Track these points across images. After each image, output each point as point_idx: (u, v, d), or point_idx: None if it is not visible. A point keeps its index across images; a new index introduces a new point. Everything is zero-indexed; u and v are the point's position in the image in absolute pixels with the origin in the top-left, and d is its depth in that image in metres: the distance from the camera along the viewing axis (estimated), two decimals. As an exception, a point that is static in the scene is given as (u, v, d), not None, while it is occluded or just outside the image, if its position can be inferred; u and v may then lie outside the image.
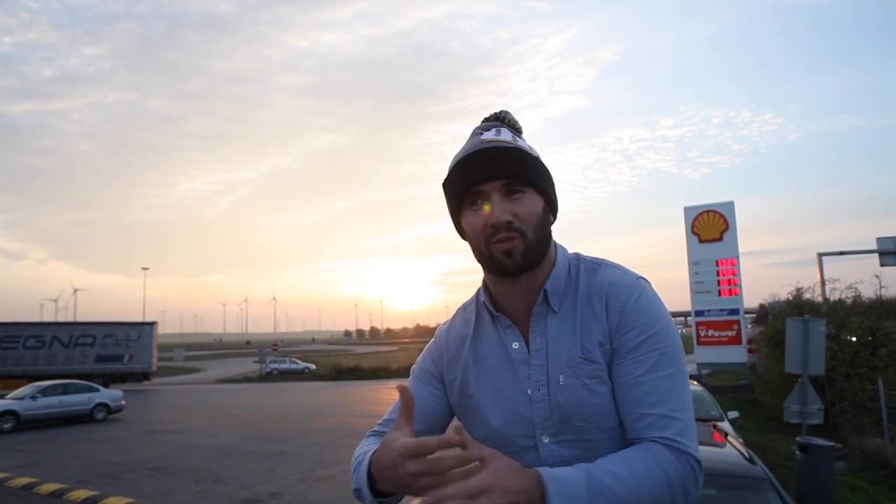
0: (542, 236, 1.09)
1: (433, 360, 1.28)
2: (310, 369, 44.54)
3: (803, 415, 8.21)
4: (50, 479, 9.33)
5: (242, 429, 14.96)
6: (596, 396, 1.06)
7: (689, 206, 21.82)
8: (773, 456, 9.39)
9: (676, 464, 0.96)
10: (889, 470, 9.24)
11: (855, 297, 18.03)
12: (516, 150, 1.08)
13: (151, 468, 10.27)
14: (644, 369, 1.04)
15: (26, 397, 16.58)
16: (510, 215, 1.05)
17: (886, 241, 22.36)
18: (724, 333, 20.74)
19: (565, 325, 1.11)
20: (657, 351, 1.04)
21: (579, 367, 1.08)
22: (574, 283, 1.15)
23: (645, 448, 0.98)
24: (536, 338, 1.13)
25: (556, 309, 1.12)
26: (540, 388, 1.10)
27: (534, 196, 1.08)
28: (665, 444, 0.98)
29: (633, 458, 0.96)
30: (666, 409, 1.00)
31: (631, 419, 1.03)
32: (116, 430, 15.56)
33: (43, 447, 13.01)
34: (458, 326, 1.27)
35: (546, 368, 1.10)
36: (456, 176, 1.11)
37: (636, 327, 1.06)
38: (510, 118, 1.18)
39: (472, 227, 1.10)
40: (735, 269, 20.86)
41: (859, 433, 11.32)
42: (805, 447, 6.68)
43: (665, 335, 1.06)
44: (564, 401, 1.07)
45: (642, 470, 0.93)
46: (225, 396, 26.85)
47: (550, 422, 1.08)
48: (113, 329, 30.50)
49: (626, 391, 1.04)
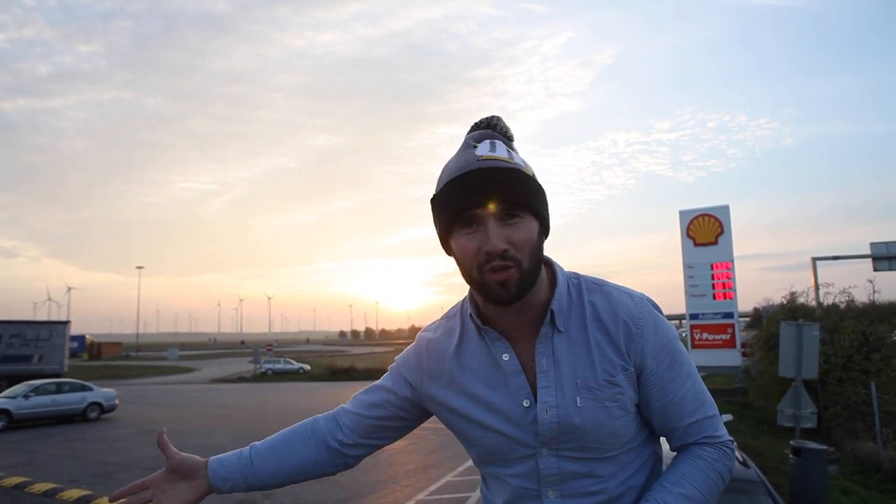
0: (535, 263, 1.05)
1: (410, 368, 1.25)
2: (304, 370, 44.42)
3: (797, 418, 8.25)
4: (42, 478, 9.29)
5: (236, 429, 14.97)
6: (614, 420, 1.08)
7: (685, 210, 21.89)
8: (767, 459, 9.43)
9: (722, 456, 1.12)
10: (881, 474, 9.28)
11: (848, 301, 18.09)
12: (514, 172, 1.02)
13: (145, 468, 10.22)
14: (679, 384, 1.12)
15: (19, 396, 16.48)
16: (506, 243, 1.00)
17: (880, 247, 22.51)
18: (719, 337, 20.80)
19: (576, 346, 1.10)
20: (681, 363, 1.13)
21: (601, 389, 1.07)
22: (577, 302, 1.13)
23: (695, 455, 1.11)
24: (542, 359, 1.09)
25: (562, 329, 1.10)
26: (548, 410, 1.07)
27: (530, 221, 1.03)
28: (710, 444, 1.12)
29: (691, 470, 1.09)
30: (704, 412, 1.13)
31: (679, 432, 1.14)
32: (110, 430, 15.49)
33: (35, 446, 12.94)
34: (440, 337, 1.23)
35: (555, 390, 1.08)
36: (449, 196, 1.04)
37: (662, 349, 1.11)
38: (502, 125, 1.13)
39: (463, 252, 1.04)
40: (730, 273, 20.92)
41: (852, 437, 11.37)
42: (798, 450, 6.71)
43: (677, 344, 1.14)
44: (581, 422, 1.06)
45: (702, 479, 1.08)
46: (219, 396, 26.75)
47: (557, 441, 1.08)
48: (21, 328, 28.74)
49: (672, 409, 1.12)
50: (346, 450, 1.28)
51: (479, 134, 1.09)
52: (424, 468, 9.99)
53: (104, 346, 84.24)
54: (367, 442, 1.29)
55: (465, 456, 10.74)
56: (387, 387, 1.27)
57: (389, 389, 1.26)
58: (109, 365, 57.41)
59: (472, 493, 8.11)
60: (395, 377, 1.27)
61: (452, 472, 9.47)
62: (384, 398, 1.26)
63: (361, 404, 1.28)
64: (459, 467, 9.82)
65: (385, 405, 1.26)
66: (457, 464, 10.10)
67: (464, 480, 8.86)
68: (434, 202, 1.09)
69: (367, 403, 1.27)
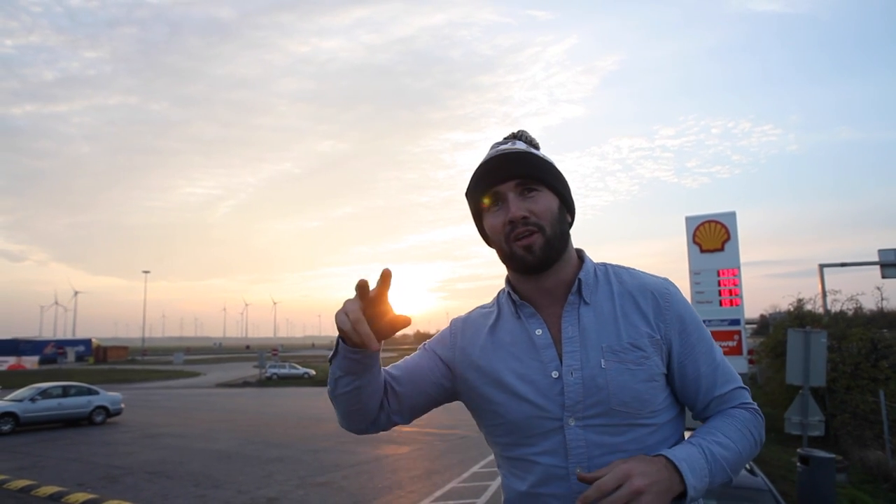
0: (559, 232, 1.16)
1: (444, 346, 1.30)
2: (309, 375, 44.36)
3: (804, 426, 8.18)
4: (48, 481, 9.32)
5: (241, 433, 14.96)
6: (638, 382, 1.11)
7: (691, 216, 21.81)
8: (774, 467, 9.37)
9: (755, 420, 1.19)
10: (890, 483, 9.19)
11: (856, 308, 18.02)
12: (528, 154, 1.18)
13: (150, 472, 10.26)
14: (711, 356, 1.20)
15: (25, 399, 16.56)
16: (526, 211, 1.13)
17: (888, 253, 22.32)
18: (725, 344, 20.64)
19: (602, 317, 1.17)
20: (709, 339, 1.21)
21: (625, 352, 1.13)
22: (605, 281, 1.22)
23: (730, 415, 1.18)
24: (568, 327, 1.17)
25: (588, 301, 1.18)
26: (573, 373, 1.12)
27: (548, 194, 1.17)
28: (744, 408, 1.19)
29: (727, 426, 1.15)
30: (735, 382, 1.21)
31: (716, 401, 1.20)
32: (115, 434, 15.55)
33: (42, 450, 12.99)
34: (475, 318, 1.30)
35: (580, 354, 1.14)
36: (474, 183, 1.21)
37: (689, 325, 1.19)
38: (527, 136, 1.26)
39: (492, 228, 1.18)
40: (736, 280, 20.81)
41: (860, 445, 11.27)
42: (806, 459, 6.65)
43: (701, 323, 1.22)
44: (605, 382, 1.11)
45: (736, 434, 1.14)
46: (224, 401, 26.80)
47: (582, 405, 1.11)
48: None
49: (706, 379, 1.18)
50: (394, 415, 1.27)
51: (503, 139, 1.26)
52: (429, 474, 9.96)
53: (110, 350, 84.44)
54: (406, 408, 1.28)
55: (470, 461, 10.73)
56: (417, 358, 1.30)
57: (419, 361, 1.29)
58: (115, 369, 57.65)
59: (477, 499, 8.09)
60: (427, 356, 1.30)
61: (458, 479, 9.44)
62: (417, 364, 1.29)
63: (402, 370, 1.29)
64: (465, 473, 9.80)
65: (421, 370, 1.28)
66: (462, 470, 10.08)
67: (469, 486, 8.83)
68: (466, 195, 1.26)
69: (405, 368, 1.29)
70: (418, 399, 1.27)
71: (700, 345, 1.18)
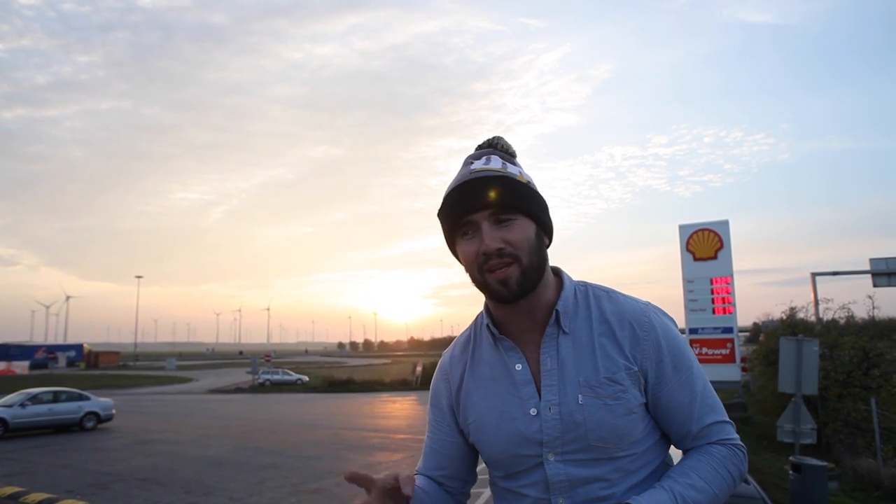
0: (537, 260, 1.10)
1: (444, 395, 1.29)
2: (302, 381, 44.20)
3: (796, 434, 8.22)
4: (38, 488, 9.23)
5: (234, 440, 14.85)
6: (616, 418, 1.09)
7: (685, 224, 21.94)
8: (766, 475, 9.39)
9: (733, 456, 1.13)
10: (882, 491, 9.23)
11: (848, 317, 18.07)
12: (503, 179, 1.09)
13: (141, 479, 10.18)
14: (688, 389, 1.14)
15: (15, 405, 16.41)
16: (501, 242, 1.06)
17: (879, 262, 22.54)
18: (718, 352, 20.75)
19: (580, 348, 1.13)
20: (690, 368, 1.15)
21: (602, 387, 1.10)
22: (584, 305, 1.17)
23: (704, 451, 1.13)
24: (547, 359, 1.14)
25: (567, 330, 1.14)
26: (551, 408, 1.11)
27: (524, 222, 1.10)
28: (721, 444, 1.14)
29: (701, 465, 1.10)
30: (715, 417, 1.15)
31: (690, 436, 1.15)
32: (106, 440, 15.41)
33: (31, 456, 12.87)
34: (458, 354, 1.29)
35: (557, 388, 1.12)
36: (447, 208, 1.14)
37: (667, 354, 1.14)
38: (503, 143, 1.20)
39: (465, 257, 1.12)
40: (729, 288, 20.93)
41: (852, 453, 11.31)
42: (798, 467, 6.68)
43: (686, 349, 1.16)
44: (582, 419, 1.09)
45: (712, 474, 1.09)
46: (216, 407, 26.63)
47: (560, 440, 1.10)
48: None
49: (681, 412, 1.14)
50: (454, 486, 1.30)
51: (477, 152, 1.18)
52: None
53: (102, 356, 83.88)
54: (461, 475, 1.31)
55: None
56: (433, 432, 1.31)
57: (437, 435, 1.29)
58: (107, 374, 57.18)
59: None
60: (438, 419, 1.30)
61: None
62: (438, 440, 1.29)
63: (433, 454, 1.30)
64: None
65: (444, 445, 1.28)
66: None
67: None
68: (438, 216, 1.18)
69: (433, 451, 1.30)
70: (463, 463, 1.29)
71: (678, 376, 1.13)
